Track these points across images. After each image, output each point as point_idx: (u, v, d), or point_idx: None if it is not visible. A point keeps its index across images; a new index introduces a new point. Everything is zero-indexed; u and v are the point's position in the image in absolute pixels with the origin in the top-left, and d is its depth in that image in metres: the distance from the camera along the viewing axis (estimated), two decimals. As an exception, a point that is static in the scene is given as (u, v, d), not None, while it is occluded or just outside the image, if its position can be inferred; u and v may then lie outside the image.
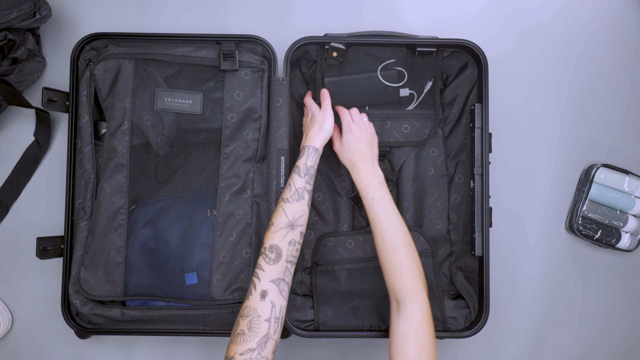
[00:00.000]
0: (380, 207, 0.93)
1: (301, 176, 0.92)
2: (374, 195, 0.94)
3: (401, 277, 0.89)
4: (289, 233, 0.88)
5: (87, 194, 1.02)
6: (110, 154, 1.00)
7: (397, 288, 0.90)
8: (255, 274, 0.85)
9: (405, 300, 0.88)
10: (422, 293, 0.89)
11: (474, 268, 1.04)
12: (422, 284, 0.90)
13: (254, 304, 0.82)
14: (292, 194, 0.90)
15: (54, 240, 1.01)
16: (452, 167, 1.08)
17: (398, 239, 0.91)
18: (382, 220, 0.92)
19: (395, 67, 1.04)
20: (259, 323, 0.80)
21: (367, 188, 0.94)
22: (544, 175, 1.13)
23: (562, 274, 1.12)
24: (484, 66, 1.01)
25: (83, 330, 1.01)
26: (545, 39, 1.13)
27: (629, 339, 1.13)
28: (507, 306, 1.11)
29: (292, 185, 0.91)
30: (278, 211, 0.89)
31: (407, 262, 0.90)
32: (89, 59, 1.01)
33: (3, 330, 1.07)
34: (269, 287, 0.84)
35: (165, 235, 1.02)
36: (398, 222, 0.92)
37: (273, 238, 0.87)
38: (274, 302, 0.83)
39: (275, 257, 0.86)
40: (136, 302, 1.03)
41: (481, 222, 1.00)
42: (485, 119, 1.01)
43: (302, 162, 0.93)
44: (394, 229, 0.92)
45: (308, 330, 1.02)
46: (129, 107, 1.00)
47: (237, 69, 1.00)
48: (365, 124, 0.99)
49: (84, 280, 1.00)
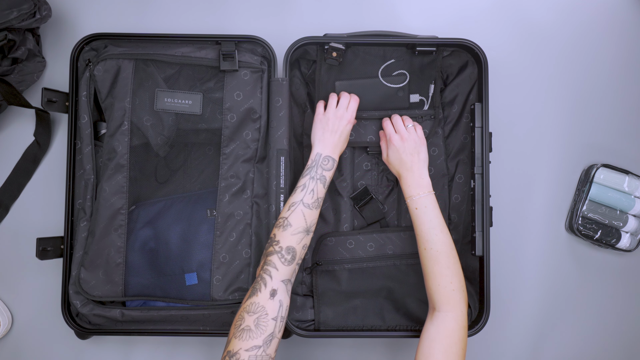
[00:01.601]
0: (422, 217, 0.94)
1: (325, 187, 0.94)
2: (417, 205, 0.94)
3: (440, 287, 0.90)
4: (305, 237, 0.90)
5: (87, 194, 1.01)
6: (110, 155, 1.00)
7: (434, 296, 0.91)
8: (267, 271, 0.85)
9: (441, 309, 0.89)
10: (460, 305, 0.89)
11: (474, 268, 1.04)
12: (461, 296, 0.90)
13: (262, 301, 0.82)
14: (314, 202, 0.92)
15: (54, 240, 1.01)
16: (452, 166, 1.07)
17: (439, 249, 0.92)
18: (424, 230, 0.93)
19: (396, 67, 1.04)
20: (266, 321, 0.81)
21: (411, 198, 0.95)
22: (544, 175, 1.13)
23: (562, 274, 1.12)
24: (483, 65, 1.01)
25: (83, 330, 1.01)
26: (545, 39, 1.13)
27: (629, 339, 1.12)
28: (507, 306, 1.11)
29: (315, 193, 0.93)
30: (298, 214, 0.90)
31: (447, 273, 0.91)
32: (89, 59, 1.01)
33: (3, 330, 1.07)
34: (280, 286, 0.85)
35: (165, 235, 1.02)
36: (440, 233, 0.93)
37: (291, 240, 0.88)
38: (282, 302, 0.84)
39: (291, 259, 0.87)
40: (136, 302, 1.03)
41: (481, 221, 1.00)
42: (486, 119, 1.01)
43: (330, 175, 0.96)
44: (435, 239, 0.92)
45: (309, 330, 1.02)
46: (129, 107, 1.00)
47: (237, 69, 1.00)
48: (407, 131, 0.99)
49: (84, 280, 1.00)
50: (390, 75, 1.05)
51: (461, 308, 0.89)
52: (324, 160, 0.95)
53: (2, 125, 1.11)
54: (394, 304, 1.04)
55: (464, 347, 0.87)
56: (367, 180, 1.09)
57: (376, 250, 1.05)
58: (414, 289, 1.03)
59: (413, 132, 0.99)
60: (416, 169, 0.97)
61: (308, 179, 0.94)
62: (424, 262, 0.93)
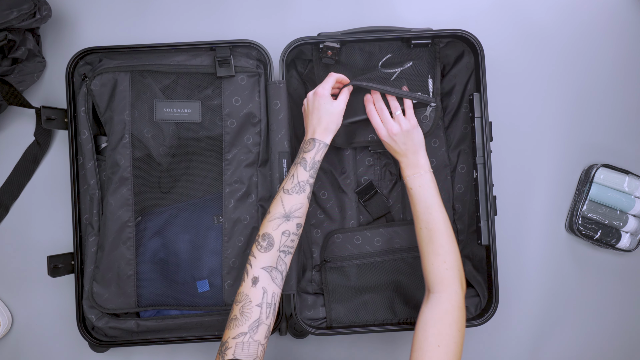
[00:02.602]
0: (417, 196, 0.93)
1: (306, 170, 0.91)
2: (412, 184, 0.94)
3: (433, 266, 0.89)
4: (284, 223, 0.88)
5: (93, 209, 1.02)
6: (113, 168, 1.01)
7: (428, 276, 0.90)
8: (248, 260, 0.87)
9: (435, 290, 0.89)
10: (454, 284, 0.88)
11: (481, 257, 1.05)
12: (456, 275, 0.89)
13: (245, 289, 0.84)
14: (294, 186, 0.90)
15: (64, 257, 1.02)
16: (454, 157, 1.08)
17: (434, 228, 0.90)
18: (419, 210, 0.92)
19: (394, 61, 1.03)
20: (250, 308, 0.82)
21: (406, 179, 0.94)
22: (544, 176, 1.12)
23: (562, 274, 1.13)
24: (480, 54, 1.01)
25: (100, 343, 1.02)
26: (545, 39, 1.12)
27: (629, 339, 1.13)
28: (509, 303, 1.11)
29: (295, 177, 0.90)
30: (276, 201, 0.90)
31: (441, 252, 0.89)
32: (84, 74, 1.01)
33: (3, 331, 1.09)
34: (260, 273, 0.85)
35: (173, 244, 1.03)
36: (435, 211, 0.91)
37: (267, 227, 0.88)
38: (266, 289, 0.84)
39: (267, 245, 0.87)
40: (150, 312, 1.05)
41: (486, 211, 1.01)
42: (485, 108, 1.01)
43: (311, 155, 0.91)
44: (430, 219, 0.91)
45: (321, 328, 1.03)
46: (129, 120, 1.00)
47: (234, 75, 1.00)
48: (394, 122, 0.95)
49: (97, 294, 1.01)
50: (389, 70, 1.04)
51: (455, 287, 0.88)
52: (305, 144, 0.93)
53: (2, 125, 1.11)
54: (404, 297, 1.05)
55: (461, 329, 0.85)
56: (370, 175, 1.09)
57: (383, 244, 1.06)
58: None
59: (401, 119, 0.95)
60: (410, 153, 0.95)
61: (292, 165, 0.93)
62: (420, 243, 0.92)
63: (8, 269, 1.11)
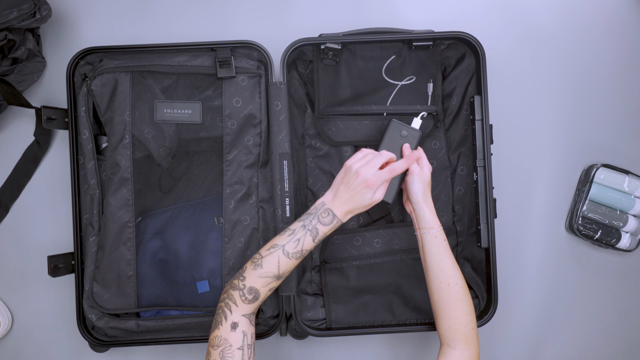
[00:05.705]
0: (444, 250, 0.92)
1: (314, 241, 0.87)
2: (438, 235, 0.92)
3: (460, 325, 0.89)
4: (273, 282, 0.86)
5: (93, 209, 1.02)
6: (113, 169, 1.01)
7: (452, 333, 0.90)
8: (228, 305, 0.84)
9: (457, 347, 0.89)
10: (476, 343, 0.90)
11: (480, 258, 1.05)
12: (477, 333, 0.91)
13: (224, 334, 0.83)
14: (295, 252, 0.86)
15: (65, 257, 1.02)
16: (454, 159, 1.08)
17: (464, 286, 0.91)
18: (449, 263, 0.92)
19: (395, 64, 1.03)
20: (231, 352, 0.81)
21: (422, 230, 0.93)
22: (544, 176, 1.12)
23: (562, 274, 1.13)
24: (481, 57, 1.01)
25: (101, 343, 1.02)
26: (545, 39, 1.12)
27: (629, 339, 1.13)
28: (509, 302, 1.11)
29: (299, 244, 0.86)
30: (273, 259, 0.85)
31: (469, 311, 0.90)
32: (85, 74, 1.01)
33: (3, 331, 1.09)
34: (240, 319, 0.84)
35: (174, 245, 1.03)
36: (458, 269, 0.92)
37: (257, 282, 0.85)
38: (245, 332, 0.83)
39: (253, 299, 0.85)
40: (150, 312, 1.05)
41: (486, 213, 1.01)
42: (485, 111, 1.01)
43: (324, 230, 0.87)
44: (459, 274, 0.92)
45: (321, 329, 1.04)
46: (129, 120, 1.00)
47: (234, 76, 1.00)
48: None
49: (97, 294, 1.01)
50: (392, 80, 1.04)
51: (477, 347, 0.90)
52: (323, 212, 0.87)
53: (2, 125, 1.10)
54: (403, 298, 1.05)
55: None
56: (370, 177, 1.09)
57: (383, 246, 1.06)
58: (422, 282, 1.04)
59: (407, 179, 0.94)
60: (420, 207, 0.93)
61: (300, 226, 0.87)
62: (445, 299, 0.90)
63: (8, 269, 1.11)
